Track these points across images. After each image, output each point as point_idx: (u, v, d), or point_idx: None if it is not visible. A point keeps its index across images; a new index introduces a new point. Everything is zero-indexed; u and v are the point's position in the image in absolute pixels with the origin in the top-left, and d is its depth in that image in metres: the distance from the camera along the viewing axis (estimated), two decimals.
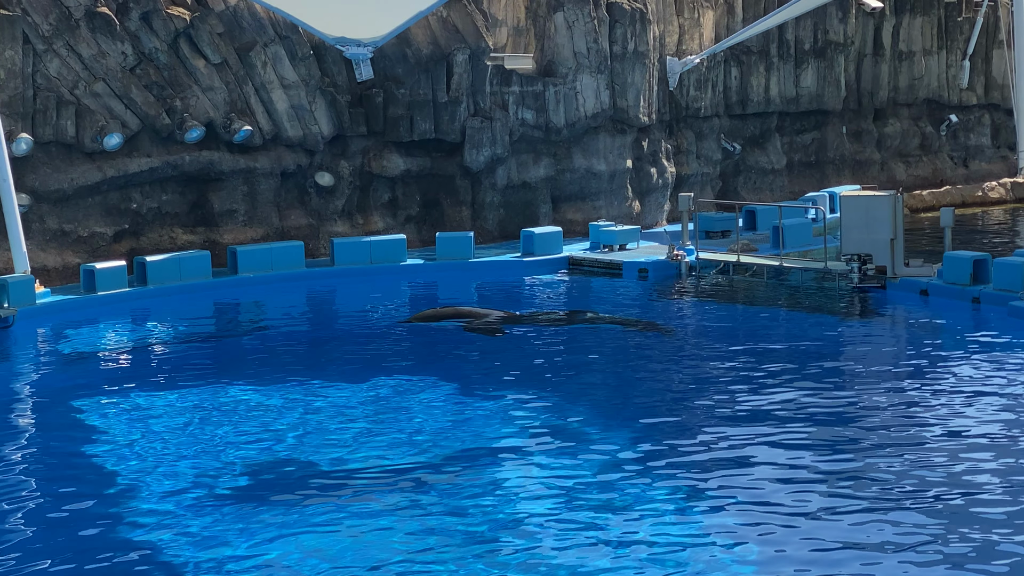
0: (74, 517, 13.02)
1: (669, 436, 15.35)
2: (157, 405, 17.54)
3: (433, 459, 14.62)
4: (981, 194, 40.47)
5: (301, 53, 28.81)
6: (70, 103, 26.23)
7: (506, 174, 31.03)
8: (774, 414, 16.03)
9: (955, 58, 42.87)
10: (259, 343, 22.27)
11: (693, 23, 35.33)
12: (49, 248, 26.00)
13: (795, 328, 22.39)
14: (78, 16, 26.25)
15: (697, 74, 35.26)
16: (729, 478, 13.58)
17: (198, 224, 28.03)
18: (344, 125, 29.46)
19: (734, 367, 18.84)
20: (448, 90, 30.26)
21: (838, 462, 14.05)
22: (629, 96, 32.35)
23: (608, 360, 20.14)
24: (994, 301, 22.40)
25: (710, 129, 36.04)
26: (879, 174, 40.42)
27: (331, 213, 29.52)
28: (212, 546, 12.06)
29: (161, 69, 27.30)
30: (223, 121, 27.85)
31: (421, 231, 30.36)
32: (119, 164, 26.76)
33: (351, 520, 12.63)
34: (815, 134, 39.27)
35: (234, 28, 28.19)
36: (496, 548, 11.82)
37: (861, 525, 12.05)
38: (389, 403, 17.33)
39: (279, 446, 15.29)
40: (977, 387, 17.22)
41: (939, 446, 14.54)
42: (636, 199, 32.97)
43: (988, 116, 44.04)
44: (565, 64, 31.69)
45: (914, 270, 24.84)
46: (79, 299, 24.75)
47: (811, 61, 38.37)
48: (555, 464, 14.28)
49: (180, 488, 13.77)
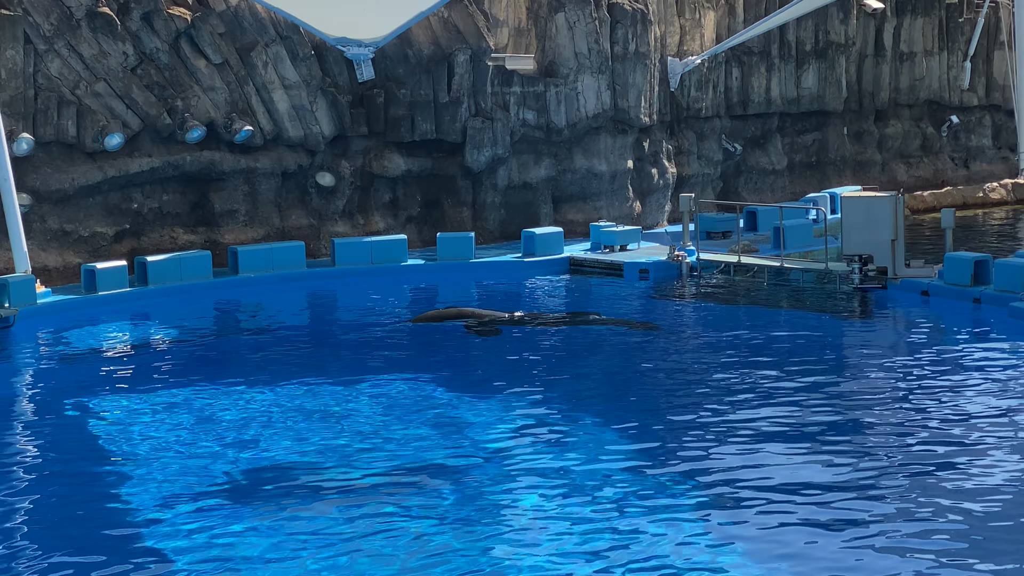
0: (73, 516, 13.03)
1: (668, 437, 15.35)
2: (157, 405, 17.55)
3: (433, 460, 14.61)
4: (982, 195, 40.44)
5: (302, 53, 28.81)
6: (71, 103, 26.24)
7: (507, 174, 31.03)
8: (774, 414, 16.02)
9: (956, 59, 42.87)
10: (260, 343, 22.26)
11: (694, 24, 35.33)
12: (50, 248, 26.01)
13: (796, 329, 22.39)
14: (79, 16, 26.25)
15: (698, 75, 35.26)
16: (727, 478, 13.57)
17: (199, 224, 28.03)
18: (345, 125, 29.46)
19: (734, 368, 18.83)
20: (449, 91, 30.26)
21: (837, 463, 14.04)
22: (630, 97, 32.34)
23: (609, 360, 20.14)
24: (995, 302, 22.41)
25: (711, 130, 36.04)
26: (880, 175, 40.43)
27: (332, 213, 29.52)
28: (210, 546, 12.06)
29: (162, 69, 27.30)
30: (224, 121, 27.86)
31: (422, 231, 30.36)
32: (120, 164, 26.76)
33: (352, 520, 12.62)
34: (816, 135, 39.28)
35: (235, 28, 28.20)
36: (494, 546, 11.83)
37: (858, 526, 12.06)
38: (390, 403, 17.33)
39: (279, 447, 15.29)
40: (978, 388, 17.22)
41: (939, 446, 14.54)
42: (637, 200, 32.97)
43: (989, 117, 44.04)
44: (566, 65, 31.69)
45: (915, 271, 24.83)
46: (80, 299, 24.75)
47: (812, 62, 38.37)
48: (556, 465, 14.27)
49: (180, 488, 13.78)
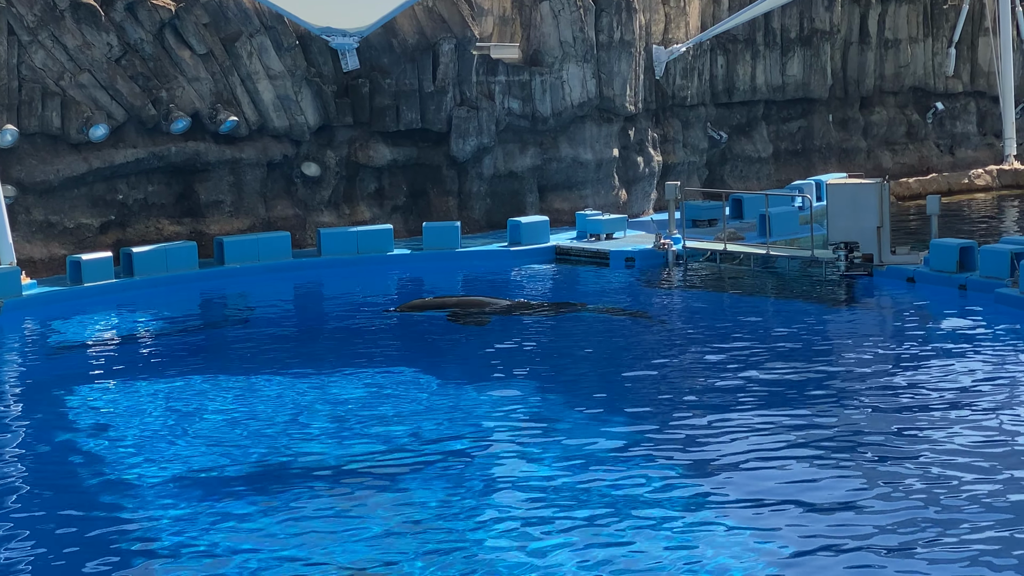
0: (59, 507, 13.00)
1: (655, 425, 15.37)
2: (143, 396, 17.53)
3: (419, 449, 14.61)
4: (967, 182, 40.49)
5: (287, 43, 28.76)
6: (56, 94, 26.17)
7: (493, 164, 31.01)
8: (760, 402, 16.06)
9: (941, 46, 42.94)
10: (246, 334, 22.24)
11: (679, 12, 35.32)
12: (35, 240, 25.94)
13: (782, 316, 22.42)
14: (63, 7, 26.17)
15: (683, 63, 35.27)
16: (714, 466, 13.61)
17: (184, 215, 27.98)
18: (330, 115, 29.42)
19: (720, 355, 18.85)
20: (434, 80, 30.24)
21: (824, 448, 14.07)
22: (615, 85, 32.34)
23: (597, 349, 20.13)
24: (980, 288, 22.45)
25: (696, 118, 36.05)
26: (865, 162, 40.49)
27: (318, 203, 29.49)
28: (198, 535, 12.06)
29: (147, 60, 27.24)
30: (209, 112, 27.81)
31: (408, 221, 30.35)
32: (105, 155, 26.70)
33: (337, 511, 12.64)
34: (801, 122, 39.32)
35: (219, 19, 28.13)
36: (481, 538, 11.84)
37: (846, 510, 12.10)
38: (376, 393, 17.33)
39: (265, 437, 15.28)
40: (963, 373, 17.26)
41: (925, 432, 14.57)
42: (623, 188, 32.97)
43: (974, 103, 44.13)
44: (551, 53, 31.67)
45: (900, 258, 24.88)
46: (65, 291, 24.68)
47: (797, 49, 38.40)
48: (541, 453, 14.28)
49: (166, 478, 13.77)
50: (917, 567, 10.85)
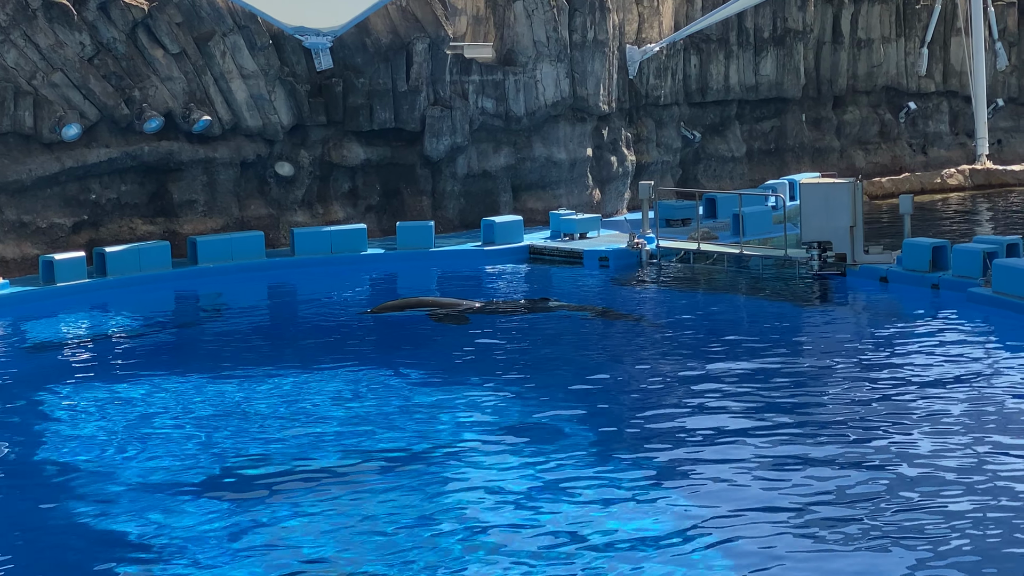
0: (33, 508, 12.97)
1: (631, 426, 15.40)
2: (118, 396, 17.49)
3: (392, 451, 14.61)
4: (940, 181, 40.61)
5: (260, 43, 28.70)
6: (28, 93, 26.07)
7: (466, 163, 31.02)
8: (734, 401, 16.08)
9: (913, 45, 43.07)
10: (219, 334, 22.20)
11: (652, 11, 35.37)
12: (7, 239, 25.85)
13: (755, 315, 22.48)
14: (35, 6, 26.07)
15: (657, 62, 35.32)
16: (687, 466, 13.63)
17: (157, 215, 27.91)
18: (304, 115, 29.38)
19: (694, 355, 18.89)
20: (408, 79, 30.22)
21: (797, 447, 14.11)
22: (589, 85, 32.38)
23: (569, 348, 20.14)
24: (953, 287, 22.53)
25: (670, 117, 36.11)
26: (838, 162, 40.59)
27: (291, 203, 29.45)
28: (172, 536, 12.03)
29: (119, 59, 27.16)
30: (182, 111, 27.74)
31: (381, 221, 30.33)
32: (78, 155, 26.61)
33: (313, 512, 12.62)
34: (775, 122, 39.42)
35: (192, 18, 28.07)
36: (461, 539, 11.85)
37: (817, 509, 12.14)
38: (350, 394, 17.32)
39: (238, 437, 15.26)
40: (936, 373, 17.32)
41: (897, 430, 14.62)
42: (596, 187, 33.01)
43: (947, 103, 44.27)
44: (525, 53, 31.69)
45: (874, 257, 24.95)
46: (38, 291, 24.60)
47: (770, 49, 38.49)
48: (517, 454, 14.30)
49: (140, 479, 13.73)
50: (882, 563, 10.90)
